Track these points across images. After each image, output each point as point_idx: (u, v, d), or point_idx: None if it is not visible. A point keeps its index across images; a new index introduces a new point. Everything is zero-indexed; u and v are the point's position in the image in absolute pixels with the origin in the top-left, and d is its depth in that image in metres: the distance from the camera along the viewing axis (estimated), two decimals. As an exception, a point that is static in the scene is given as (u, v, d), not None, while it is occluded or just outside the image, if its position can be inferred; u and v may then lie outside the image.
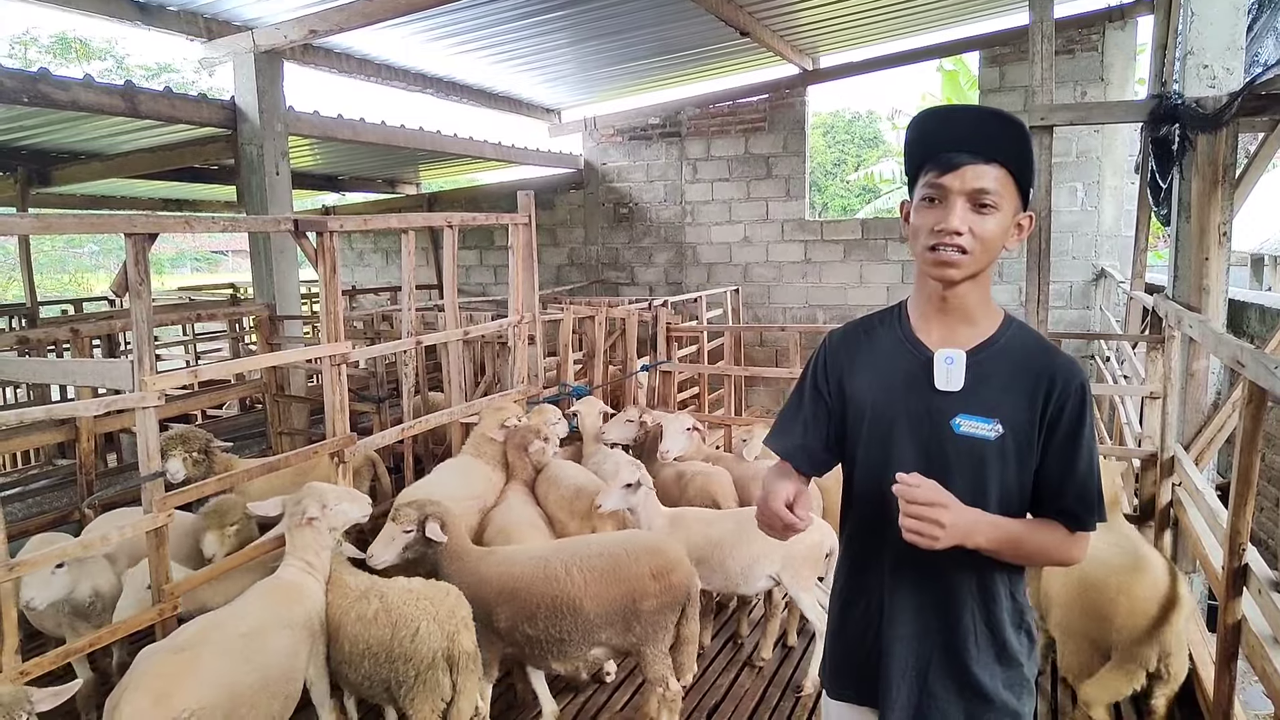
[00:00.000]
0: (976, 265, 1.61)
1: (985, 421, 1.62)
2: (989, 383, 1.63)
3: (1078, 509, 1.64)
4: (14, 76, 5.59)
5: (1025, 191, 1.62)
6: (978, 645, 1.68)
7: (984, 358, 1.65)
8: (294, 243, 6.30)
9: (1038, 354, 1.65)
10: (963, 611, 1.67)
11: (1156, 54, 6.71)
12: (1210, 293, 4.26)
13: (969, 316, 1.67)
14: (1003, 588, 1.69)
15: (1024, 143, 1.60)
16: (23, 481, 5.66)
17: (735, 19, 7.78)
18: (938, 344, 1.67)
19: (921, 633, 1.69)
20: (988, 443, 1.62)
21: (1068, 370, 1.62)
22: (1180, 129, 4.35)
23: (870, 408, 1.74)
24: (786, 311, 10.87)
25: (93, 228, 3.30)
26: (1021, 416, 1.61)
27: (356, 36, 7.78)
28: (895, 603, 1.71)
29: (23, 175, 9.14)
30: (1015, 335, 1.68)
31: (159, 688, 2.54)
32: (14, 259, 21.65)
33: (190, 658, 2.68)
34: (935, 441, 1.65)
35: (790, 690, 3.92)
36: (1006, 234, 1.61)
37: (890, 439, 1.70)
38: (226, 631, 2.84)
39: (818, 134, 24.38)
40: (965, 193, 1.57)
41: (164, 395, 3.31)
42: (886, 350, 1.75)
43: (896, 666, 1.71)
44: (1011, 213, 1.61)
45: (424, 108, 48.21)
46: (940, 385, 1.65)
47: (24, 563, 2.87)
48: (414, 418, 4.93)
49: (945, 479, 1.59)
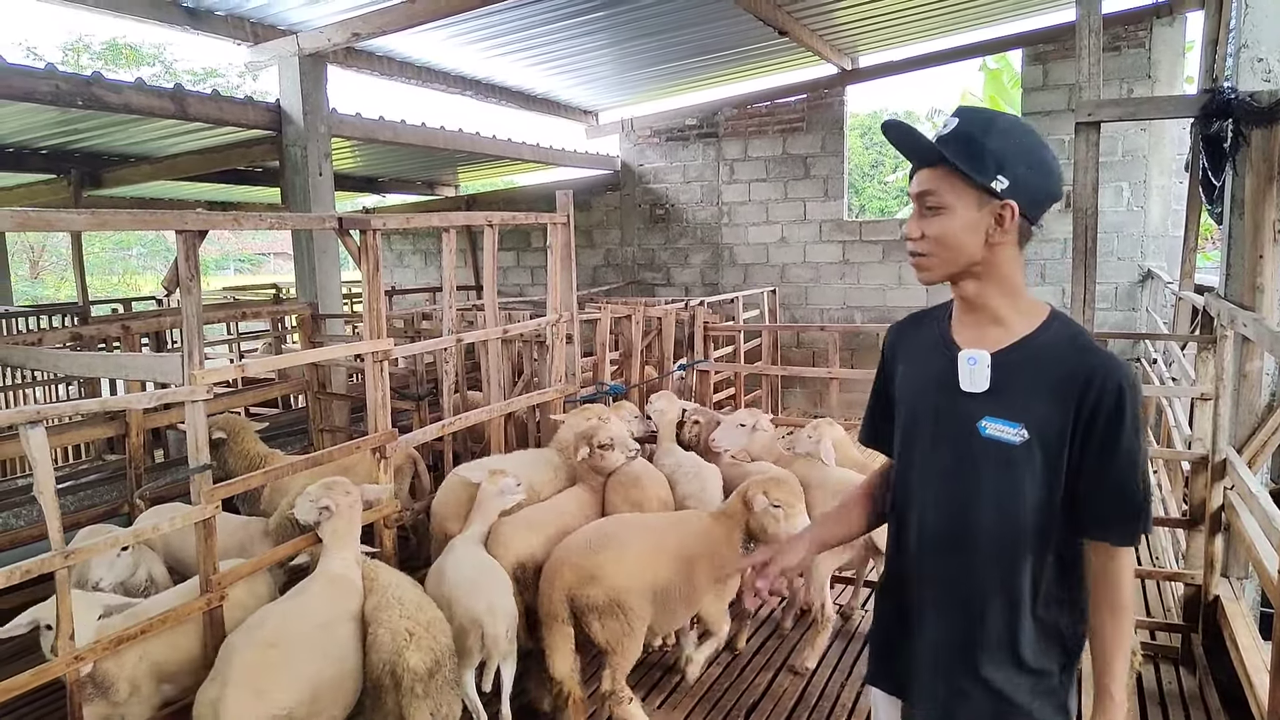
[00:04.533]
0: (944, 267, 1.62)
1: (1011, 425, 1.58)
2: (1017, 384, 1.59)
3: (1112, 520, 1.57)
4: (69, 80, 5.75)
5: (985, 183, 1.55)
6: (996, 649, 1.64)
7: (1013, 359, 1.61)
8: (336, 243, 6.40)
9: (1071, 353, 1.58)
10: (985, 613, 1.63)
11: (1207, 49, 6.55)
12: (1265, 291, 4.14)
13: (995, 316, 1.64)
14: (1027, 597, 1.61)
15: (972, 130, 1.56)
16: (74, 475, 5.80)
17: (774, 18, 7.75)
18: (967, 344, 1.66)
19: (944, 630, 1.69)
20: (1014, 447, 1.58)
21: (1104, 369, 1.54)
22: (1233, 124, 4.24)
23: (904, 403, 1.77)
24: (824, 312, 10.79)
25: (146, 225, 3.38)
26: (1050, 420, 1.56)
27: (398, 39, 7.88)
28: (921, 598, 1.73)
29: (75, 178, 9.39)
30: (1053, 335, 1.61)
31: (259, 684, 2.58)
32: (66, 260, 22.27)
33: (283, 653, 2.71)
34: (964, 443, 1.64)
35: (821, 687, 3.90)
36: (972, 230, 1.58)
37: (919, 437, 1.72)
38: (305, 624, 2.88)
39: (855, 135, 24.15)
40: (914, 197, 1.62)
41: (212, 389, 3.37)
42: (926, 347, 1.76)
43: (923, 662, 1.72)
44: (970, 209, 1.57)
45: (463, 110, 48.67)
46: (965, 386, 1.63)
47: (79, 550, 2.95)
48: (454, 415, 4.98)
49: (975, 482, 1.62)
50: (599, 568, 3.39)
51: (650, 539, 3.57)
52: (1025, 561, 1.60)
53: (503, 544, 3.77)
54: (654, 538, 3.59)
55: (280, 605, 3.05)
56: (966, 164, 1.55)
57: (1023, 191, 1.56)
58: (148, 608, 3.21)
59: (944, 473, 1.67)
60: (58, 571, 2.83)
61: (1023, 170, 1.56)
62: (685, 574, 3.55)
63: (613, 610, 3.37)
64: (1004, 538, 1.60)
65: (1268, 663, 2.85)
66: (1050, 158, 1.61)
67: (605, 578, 3.37)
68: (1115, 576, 1.60)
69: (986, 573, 1.62)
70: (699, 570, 3.58)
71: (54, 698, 3.72)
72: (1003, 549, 1.61)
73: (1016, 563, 1.60)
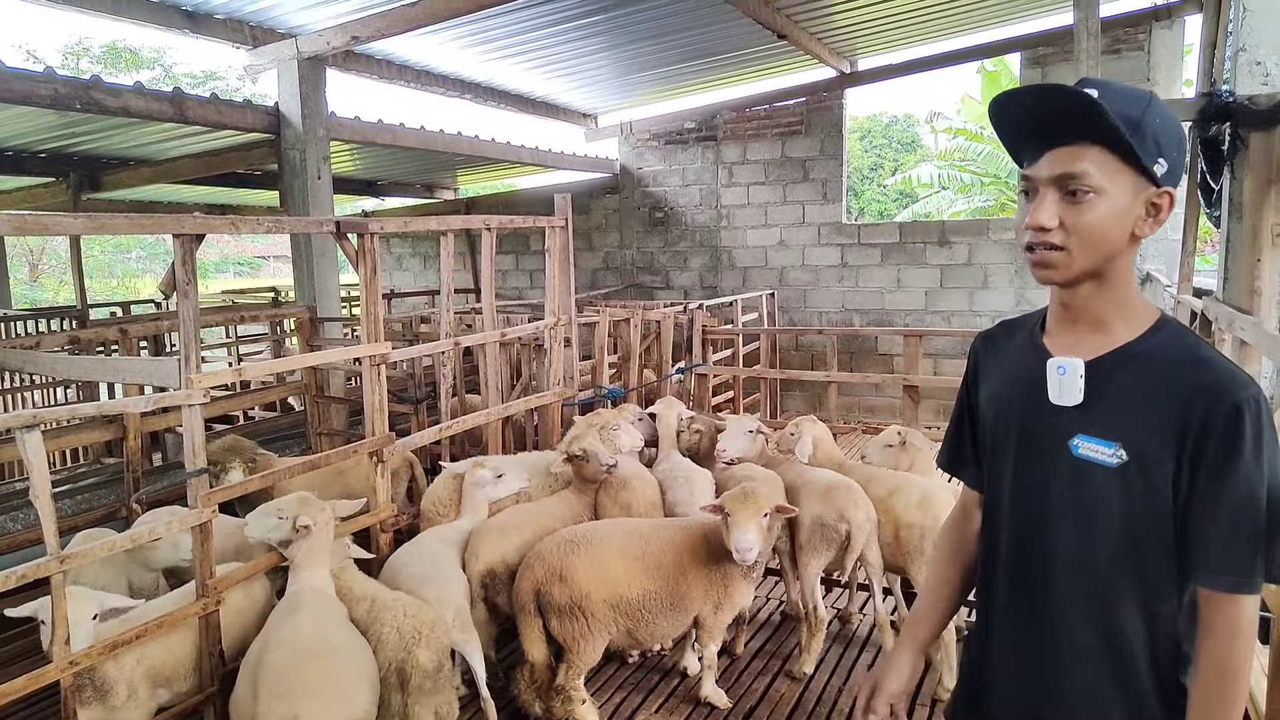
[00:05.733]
0: (1082, 264, 1.37)
1: (1108, 445, 1.36)
2: (1115, 399, 1.37)
3: (1223, 562, 1.30)
4: (68, 84, 5.75)
5: (1148, 166, 1.33)
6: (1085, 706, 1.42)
7: (1113, 369, 1.39)
8: (334, 246, 6.40)
9: (1180, 367, 1.34)
10: (1074, 666, 1.42)
11: (1206, 52, 6.56)
12: (1263, 295, 4.15)
13: (1098, 322, 1.42)
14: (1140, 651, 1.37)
15: (1128, 108, 1.32)
16: (72, 479, 5.79)
17: (773, 22, 7.76)
18: (1059, 351, 1.44)
19: (1024, 681, 1.50)
20: (1109, 470, 1.36)
21: (1217, 388, 1.29)
22: (1232, 127, 4.25)
23: (990, 418, 1.57)
24: (823, 316, 10.79)
25: (143, 228, 3.38)
26: (1149, 442, 1.33)
27: (397, 43, 7.88)
28: (999, 640, 1.55)
29: (74, 181, 9.40)
30: (1162, 344, 1.38)
31: (334, 692, 2.60)
32: (65, 264, 22.27)
33: (343, 660, 2.72)
34: (1049, 463, 1.43)
35: (819, 692, 3.89)
36: (1123, 220, 1.35)
37: (1004, 455, 1.52)
38: (340, 631, 2.87)
39: (854, 138, 24.20)
40: (1052, 181, 1.35)
41: (209, 393, 3.37)
42: (1016, 354, 1.54)
43: (997, 710, 1.54)
44: (1125, 195, 1.34)
45: (462, 113, 48.72)
46: (1054, 399, 1.42)
47: (75, 555, 2.94)
48: (451, 419, 4.97)
49: (1066, 509, 1.42)
50: (569, 569, 3.42)
51: (632, 547, 3.55)
52: (1129, 607, 1.38)
53: (472, 551, 3.82)
54: (637, 546, 3.56)
55: (294, 621, 2.94)
56: (1133, 140, 1.31)
57: (1175, 179, 1.37)
58: (145, 611, 3.20)
59: (1030, 497, 1.47)
60: (53, 576, 2.82)
61: (1176, 155, 1.36)
62: (669, 585, 3.52)
63: (573, 612, 3.40)
64: (1098, 575, 1.40)
65: (1265, 667, 2.84)
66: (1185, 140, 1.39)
67: (572, 580, 3.40)
68: (1223, 630, 1.31)
69: (1075, 615, 1.42)
70: (690, 581, 3.55)
71: (49, 701, 3.70)
72: (1096, 589, 1.40)
73: (1117, 608, 1.38)
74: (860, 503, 3.90)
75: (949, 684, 3.68)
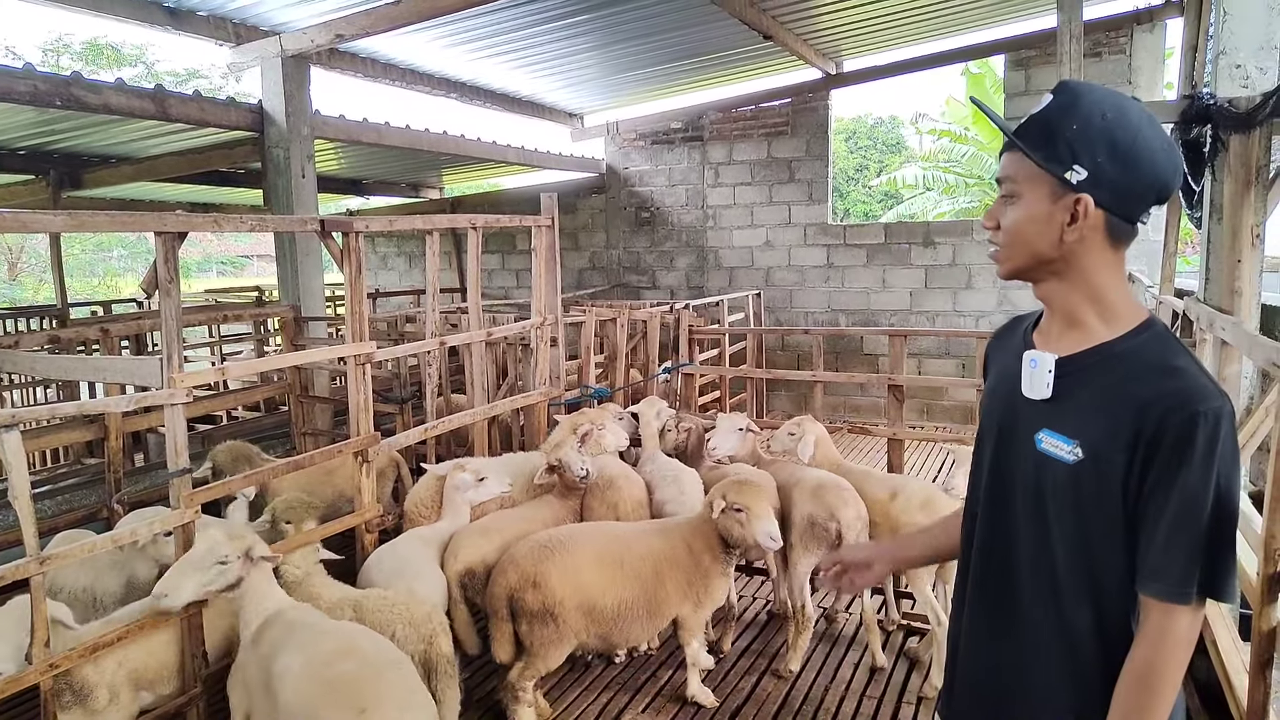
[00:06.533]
0: (1014, 262, 1.47)
1: (1067, 442, 1.38)
2: (1082, 397, 1.39)
3: (1160, 569, 1.30)
4: (47, 80, 5.69)
5: (1056, 173, 1.37)
6: (1045, 697, 1.45)
7: (1085, 367, 1.41)
8: (319, 245, 6.36)
9: (1152, 372, 1.34)
10: (1036, 657, 1.45)
11: (1187, 55, 6.62)
12: (1243, 295, 4.18)
13: (1072, 318, 1.45)
14: (1089, 648, 1.40)
15: (1057, 114, 1.38)
16: (52, 479, 5.73)
17: (758, 23, 7.77)
18: (1042, 347, 1.48)
19: (988, 666, 1.54)
20: (1065, 466, 1.38)
21: (1180, 397, 1.29)
22: (1212, 130, 4.28)
23: (981, 411, 1.65)
24: (808, 316, 10.83)
25: (124, 226, 3.35)
26: (1106, 443, 1.34)
27: (381, 41, 7.85)
28: (968, 627, 1.59)
29: (54, 178, 9.30)
30: (1140, 346, 1.39)
31: (402, 703, 2.55)
32: (45, 262, 22.02)
33: (399, 671, 2.66)
34: (1018, 454, 1.47)
35: (805, 690, 3.90)
36: (1042, 224, 1.40)
37: (986, 444, 1.57)
38: (367, 641, 2.79)
39: (840, 140, 24.29)
40: (998, 183, 1.48)
41: (191, 393, 3.34)
42: (1011, 349, 1.58)
43: (960, 694, 1.60)
44: (1042, 200, 1.39)
45: (447, 112, 48.59)
46: (1025, 391, 1.46)
47: (54, 556, 2.90)
48: (437, 419, 4.95)
49: (1008, 498, 1.48)
50: (543, 575, 3.39)
51: (611, 553, 3.54)
52: (1083, 604, 1.39)
53: (451, 551, 3.81)
54: (616, 551, 3.55)
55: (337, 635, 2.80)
56: (1036, 149, 1.38)
57: (1104, 184, 1.36)
58: (126, 614, 3.16)
59: (1001, 486, 1.51)
60: (33, 578, 2.79)
61: (1103, 159, 1.35)
62: (648, 588, 3.53)
63: (544, 618, 3.38)
64: (1052, 569, 1.42)
65: (1247, 664, 2.87)
66: (1148, 145, 1.36)
67: (545, 586, 3.38)
68: (1152, 637, 1.31)
69: (1034, 608, 1.45)
70: (669, 581, 3.56)
71: (29, 705, 3.66)
72: (1052, 582, 1.42)
73: (1073, 604, 1.40)
74: (850, 501, 3.92)
75: (937, 683, 3.70)
